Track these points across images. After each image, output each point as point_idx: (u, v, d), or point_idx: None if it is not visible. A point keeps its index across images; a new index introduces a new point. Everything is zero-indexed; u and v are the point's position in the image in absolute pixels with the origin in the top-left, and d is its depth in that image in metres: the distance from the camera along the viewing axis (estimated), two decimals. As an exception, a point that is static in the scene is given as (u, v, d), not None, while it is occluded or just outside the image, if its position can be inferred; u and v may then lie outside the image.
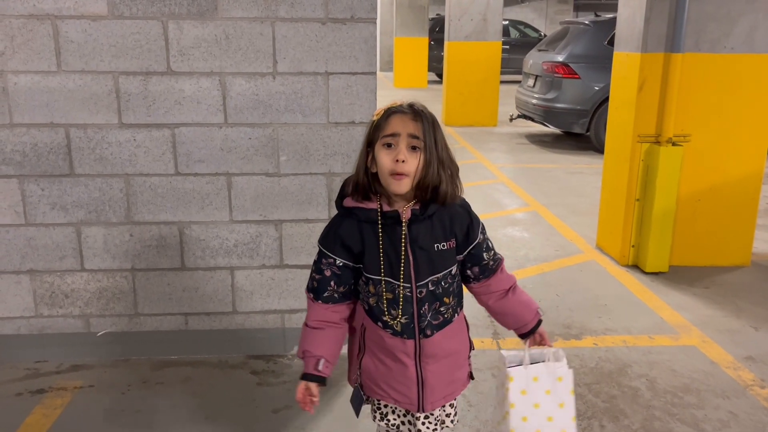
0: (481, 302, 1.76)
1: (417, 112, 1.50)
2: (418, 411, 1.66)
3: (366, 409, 1.77)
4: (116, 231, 2.80)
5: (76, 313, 2.88)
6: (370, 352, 1.66)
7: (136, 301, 2.89)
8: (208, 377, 2.79)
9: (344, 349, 1.74)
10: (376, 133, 1.51)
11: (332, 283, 1.62)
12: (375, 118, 1.54)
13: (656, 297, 3.70)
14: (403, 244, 1.54)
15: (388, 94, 14.00)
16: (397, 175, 1.47)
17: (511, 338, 3.13)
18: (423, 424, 1.70)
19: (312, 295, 1.65)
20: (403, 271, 1.56)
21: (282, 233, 2.86)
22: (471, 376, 1.77)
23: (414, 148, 1.49)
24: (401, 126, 1.48)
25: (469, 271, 1.68)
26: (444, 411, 1.74)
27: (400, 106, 1.52)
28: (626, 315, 3.47)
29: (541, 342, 1.73)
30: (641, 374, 2.86)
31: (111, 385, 2.73)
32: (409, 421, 1.73)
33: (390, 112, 1.51)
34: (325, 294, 1.63)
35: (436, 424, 1.72)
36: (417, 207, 1.54)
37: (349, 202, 1.58)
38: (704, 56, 3.83)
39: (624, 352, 3.06)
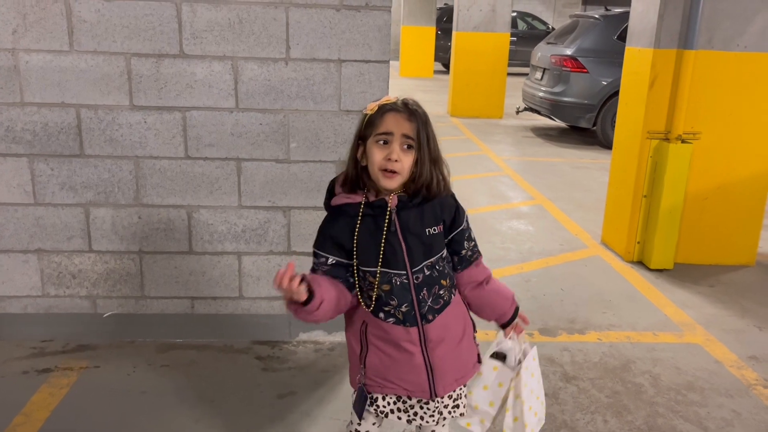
0: (459, 293, 1.74)
1: (411, 112, 1.53)
2: (431, 398, 1.66)
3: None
4: (125, 213, 2.80)
5: (82, 294, 2.89)
6: (374, 347, 1.65)
7: (143, 284, 2.89)
8: (213, 361, 2.80)
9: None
10: (369, 129, 1.54)
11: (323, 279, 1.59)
12: (368, 112, 1.55)
13: (661, 294, 3.70)
14: (385, 232, 1.55)
15: (395, 83, 13.91)
16: (388, 172, 1.51)
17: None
18: (426, 413, 1.69)
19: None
20: (391, 259, 1.56)
21: (290, 220, 2.86)
22: (479, 360, 1.76)
23: (408, 146, 1.52)
24: (395, 125, 1.51)
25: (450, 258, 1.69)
26: (451, 398, 1.72)
27: (395, 103, 1.54)
28: (630, 311, 3.47)
29: (517, 331, 1.77)
30: (645, 371, 2.87)
31: (117, 366, 2.73)
32: (414, 412, 1.71)
33: (385, 110, 1.53)
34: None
35: (441, 412, 1.70)
36: (404, 194, 1.57)
37: (337, 200, 1.60)
38: (717, 54, 3.81)
39: (628, 348, 3.06)
